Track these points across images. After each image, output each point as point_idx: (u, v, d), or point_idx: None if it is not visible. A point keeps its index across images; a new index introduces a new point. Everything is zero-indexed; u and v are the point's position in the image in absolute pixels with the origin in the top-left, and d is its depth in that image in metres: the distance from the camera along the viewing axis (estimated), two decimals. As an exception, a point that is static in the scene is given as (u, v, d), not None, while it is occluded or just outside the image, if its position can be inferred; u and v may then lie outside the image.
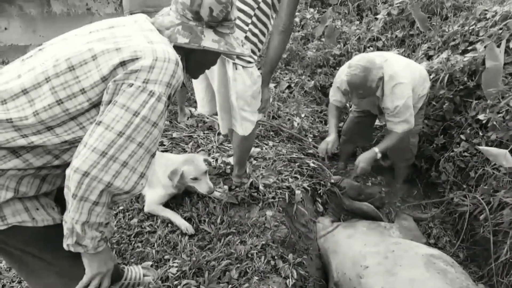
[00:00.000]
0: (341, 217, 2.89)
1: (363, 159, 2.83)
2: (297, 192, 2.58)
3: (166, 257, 2.02)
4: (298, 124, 3.51)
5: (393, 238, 2.47)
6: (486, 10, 3.63)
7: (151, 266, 1.96)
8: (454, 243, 2.83)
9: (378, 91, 2.70)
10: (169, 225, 2.26)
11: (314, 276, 2.24)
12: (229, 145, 2.99)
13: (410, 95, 2.68)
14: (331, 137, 2.95)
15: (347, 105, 3.49)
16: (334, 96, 3.10)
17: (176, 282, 1.82)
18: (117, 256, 2.06)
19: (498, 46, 2.96)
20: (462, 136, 3.07)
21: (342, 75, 2.84)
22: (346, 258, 2.27)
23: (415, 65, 2.94)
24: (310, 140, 3.50)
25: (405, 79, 2.67)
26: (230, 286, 1.84)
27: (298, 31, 5.28)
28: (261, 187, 2.47)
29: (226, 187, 2.49)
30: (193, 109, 3.47)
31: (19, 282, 1.87)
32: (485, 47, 3.13)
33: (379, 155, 2.83)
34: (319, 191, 2.92)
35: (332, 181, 2.96)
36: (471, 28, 3.61)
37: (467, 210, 2.74)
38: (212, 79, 2.12)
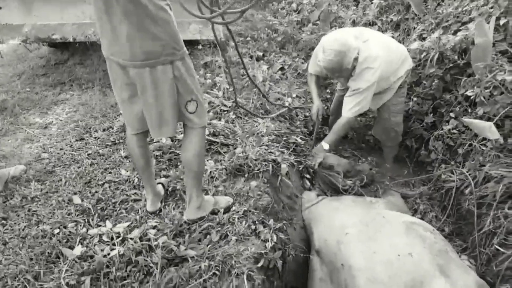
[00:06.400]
0: (328, 193, 2.90)
1: (314, 155, 2.96)
2: (283, 166, 2.60)
3: (149, 221, 2.05)
4: (289, 103, 3.51)
5: (377, 210, 2.48)
6: (480, -10, 3.60)
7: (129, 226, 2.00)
8: (440, 218, 2.84)
9: (354, 71, 2.75)
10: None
11: (295, 242, 2.26)
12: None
13: (375, 81, 2.70)
14: (316, 104, 3.18)
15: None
16: (313, 67, 3.17)
17: (155, 243, 1.84)
18: (100, 220, 2.09)
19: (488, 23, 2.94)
20: (452, 114, 3.06)
21: (320, 54, 2.79)
22: (328, 227, 2.29)
23: (395, 46, 2.91)
24: (301, 120, 3.51)
25: (376, 64, 2.68)
26: (209, 246, 1.86)
27: (294, 16, 5.27)
28: (247, 159, 2.48)
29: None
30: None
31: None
32: (475, 25, 3.11)
33: (326, 147, 2.91)
34: (304, 166, 2.93)
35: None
36: (464, 9, 3.59)
37: (454, 186, 2.74)
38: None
